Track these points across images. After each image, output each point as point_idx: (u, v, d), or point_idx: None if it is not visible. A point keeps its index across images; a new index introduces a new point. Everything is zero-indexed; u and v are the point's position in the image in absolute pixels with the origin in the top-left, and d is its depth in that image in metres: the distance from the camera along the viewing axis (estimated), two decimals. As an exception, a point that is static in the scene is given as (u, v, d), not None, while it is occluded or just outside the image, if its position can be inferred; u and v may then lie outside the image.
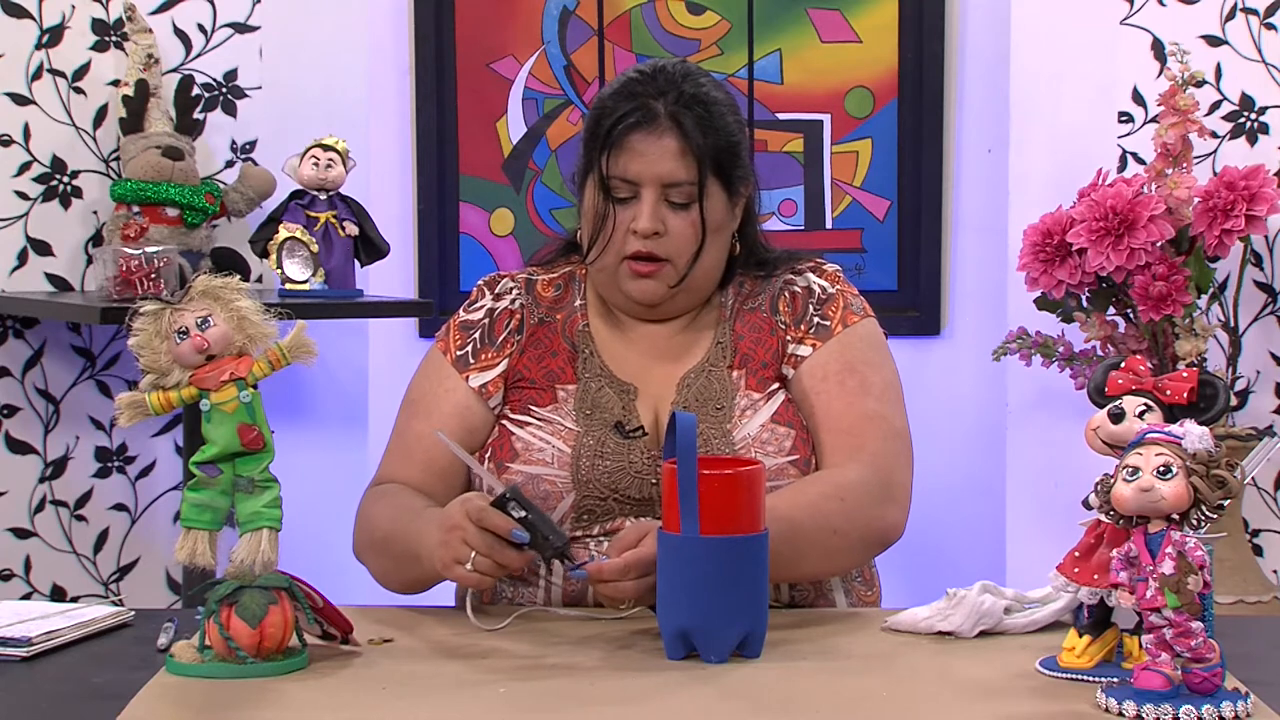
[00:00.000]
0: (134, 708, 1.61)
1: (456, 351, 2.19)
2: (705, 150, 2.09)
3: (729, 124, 2.12)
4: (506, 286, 2.23)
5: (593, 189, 2.12)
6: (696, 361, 2.15)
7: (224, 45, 3.49)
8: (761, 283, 2.21)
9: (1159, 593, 1.53)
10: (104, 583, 3.48)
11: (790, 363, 2.15)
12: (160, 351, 1.73)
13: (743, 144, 2.15)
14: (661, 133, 2.08)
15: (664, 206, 2.10)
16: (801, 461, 2.08)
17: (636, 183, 2.09)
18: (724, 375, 2.13)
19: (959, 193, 3.66)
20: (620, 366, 2.15)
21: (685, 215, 2.10)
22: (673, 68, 2.14)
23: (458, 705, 1.64)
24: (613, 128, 2.09)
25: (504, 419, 2.15)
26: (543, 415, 2.12)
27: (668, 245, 2.10)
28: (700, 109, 2.10)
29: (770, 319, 2.17)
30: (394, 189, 3.63)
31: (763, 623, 1.79)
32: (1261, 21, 3.45)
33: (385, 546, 2.07)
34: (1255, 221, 3.15)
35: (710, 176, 2.10)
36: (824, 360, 2.13)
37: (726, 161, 2.11)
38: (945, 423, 3.57)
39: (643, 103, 2.09)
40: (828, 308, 2.17)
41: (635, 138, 2.08)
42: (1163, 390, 1.73)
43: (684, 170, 2.09)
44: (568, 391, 2.14)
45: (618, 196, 2.11)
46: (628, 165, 2.09)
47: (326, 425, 3.56)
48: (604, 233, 2.11)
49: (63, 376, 3.43)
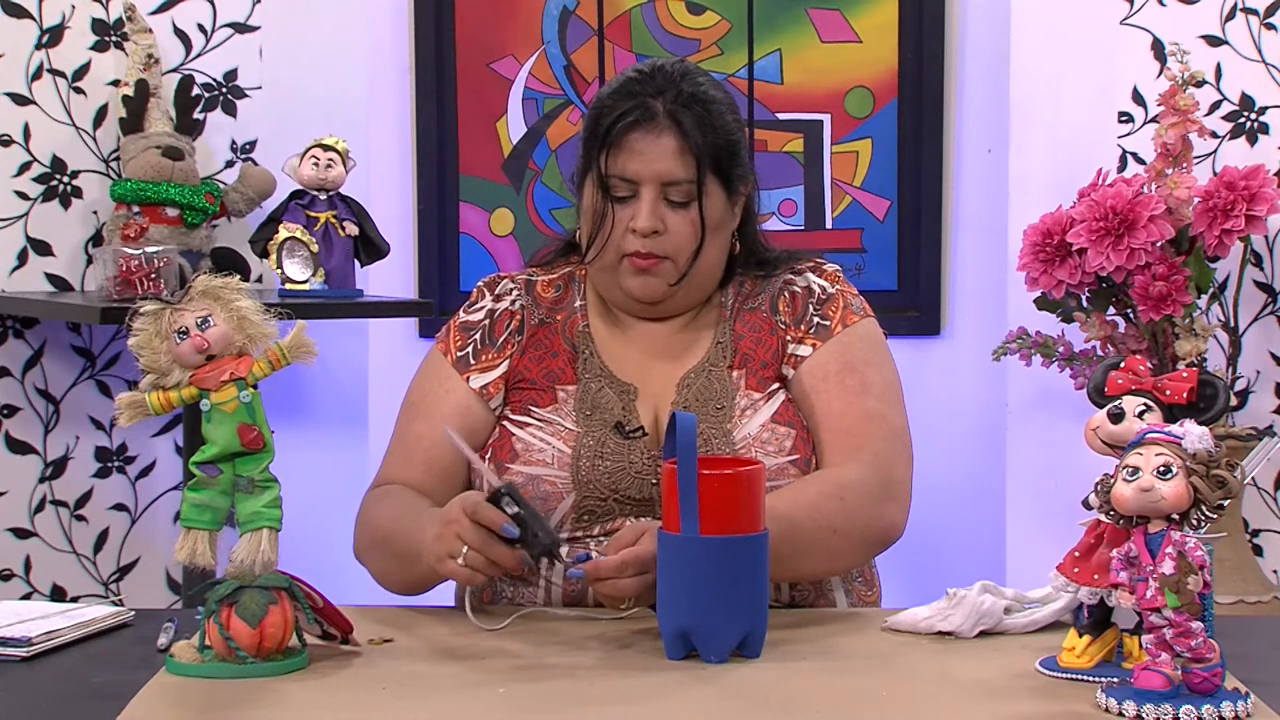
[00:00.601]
0: (134, 708, 1.61)
1: (457, 353, 2.19)
2: (704, 149, 2.09)
3: (728, 123, 2.13)
4: (506, 288, 2.23)
5: (592, 188, 2.13)
6: (696, 361, 2.16)
7: (224, 45, 3.49)
8: (762, 282, 2.21)
9: (1159, 593, 1.53)
10: (104, 583, 3.48)
11: (790, 363, 2.15)
12: (160, 351, 1.73)
13: (741, 143, 2.15)
14: (660, 131, 2.09)
15: (663, 205, 2.10)
16: (802, 461, 2.08)
17: (635, 181, 2.10)
18: (724, 375, 2.13)
19: (959, 193, 3.66)
20: (620, 367, 2.15)
21: (684, 214, 2.10)
22: (671, 67, 2.14)
23: (458, 705, 1.64)
24: (611, 126, 2.09)
25: (504, 420, 2.15)
26: (543, 416, 2.12)
27: (667, 244, 2.11)
28: (699, 107, 2.10)
29: (770, 319, 2.18)
30: (394, 189, 3.63)
31: (763, 623, 1.79)
32: (1261, 21, 3.45)
33: (386, 546, 2.07)
34: (1255, 221, 3.15)
35: (709, 175, 2.10)
36: (824, 360, 2.13)
37: (725, 160, 2.12)
38: (945, 423, 3.57)
39: (641, 101, 2.10)
40: (828, 308, 2.17)
41: (634, 136, 2.09)
42: (1163, 390, 1.73)
43: (682, 169, 2.09)
44: (568, 392, 2.14)
45: (617, 195, 2.11)
46: (626, 164, 2.09)
47: (326, 425, 3.56)
48: (603, 231, 2.11)
49: (63, 376, 3.43)
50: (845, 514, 2.01)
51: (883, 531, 2.06)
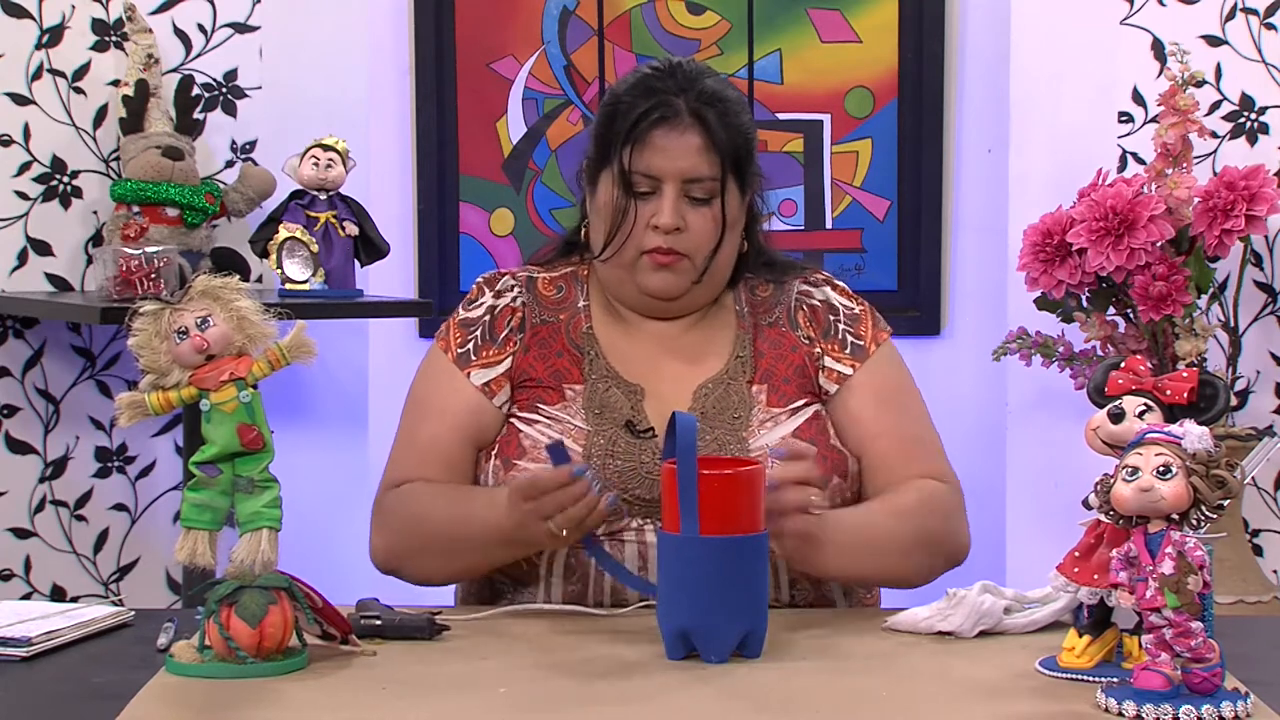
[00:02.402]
0: (134, 708, 1.61)
1: (457, 349, 2.18)
2: (726, 147, 2.10)
3: (745, 121, 2.15)
4: (507, 284, 2.22)
5: (609, 184, 2.12)
6: (714, 372, 2.15)
7: (224, 45, 3.49)
8: (774, 290, 2.22)
9: (1159, 593, 1.53)
10: (104, 583, 3.48)
11: (830, 377, 2.17)
12: (160, 351, 1.73)
13: (755, 141, 2.18)
14: (684, 129, 2.09)
15: (683, 202, 2.11)
16: (819, 479, 2.08)
17: (658, 178, 2.10)
18: (743, 389, 2.14)
19: (959, 193, 3.66)
20: (627, 367, 2.15)
21: (705, 211, 2.11)
22: (688, 65, 2.15)
23: (458, 705, 1.64)
24: (636, 123, 2.09)
25: (512, 417, 2.15)
26: (551, 414, 2.12)
27: (687, 241, 2.11)
28: (720, 105, 2.11)
29: (792, 334, 2.19)
30: (394, 189, 3.63)
31: (763, 623, 1.79)
32: (1261, 21, 3.45)
33: (448, 542, 2.06)
34: (1255, 221, 3.15)
35: (729, 173, 2.11)
36: (873, 385, 2.17)
37: (744, 158, 2.13)
38: (945, 423, 3.53)
39: (664, 99, 2.10)
40: (859, 327, 2.20)
41: (658, 133, 2.09)
42: (1163, 390, 1.73)
43: (707, 166, 2.10)
44: (575, 391, 2.13)
45: (638, 191, 2.11)
46: (650, 161, 2.09)
47: (326, 425, 3.56)
48: (624, 228, 2.11)
49: (63, 376, 3.43)
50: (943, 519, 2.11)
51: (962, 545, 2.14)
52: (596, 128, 2.16)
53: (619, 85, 2.17)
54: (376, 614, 1.87)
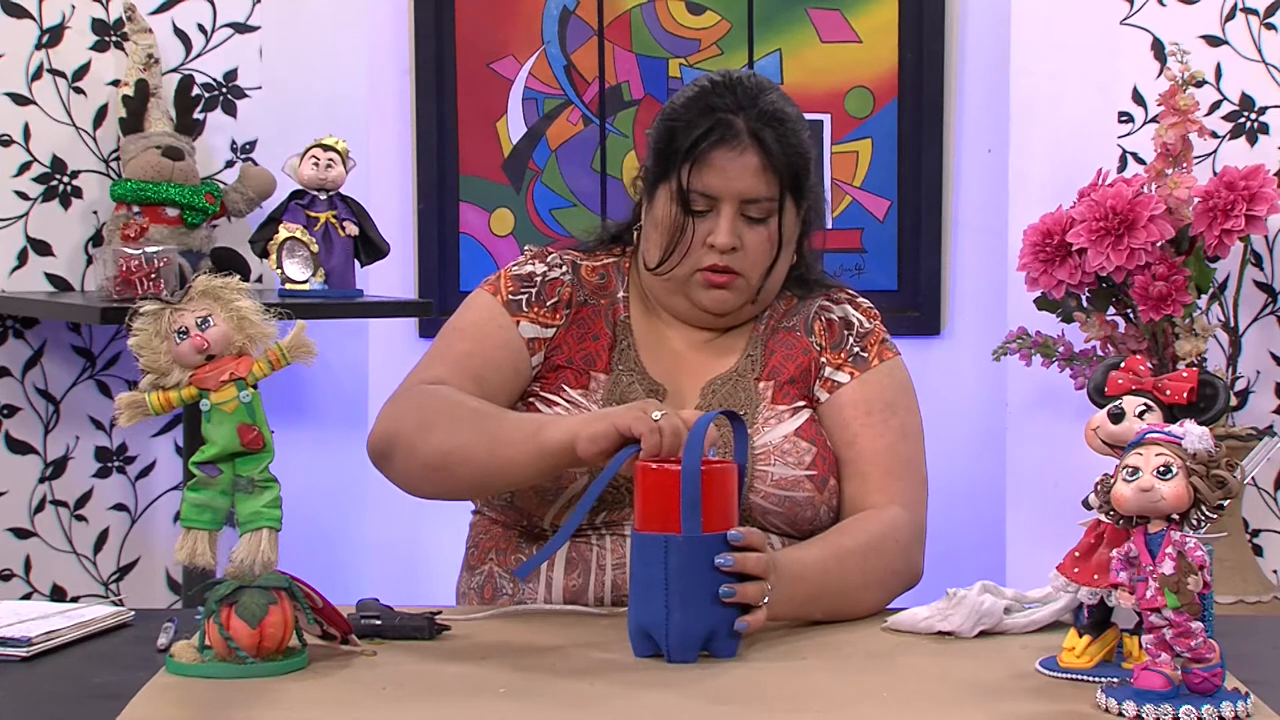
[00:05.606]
0: (134, 708, 1.61)
1: (509, 295, 2.15)
2: (784, 167, 2.09)
3: (803, 140, 2.13)
4: (555, 260, 2.20)
5: (666, 199, 2.12)
6: (725, 369, 2.16)
7: (224, 45, 3.49)
8: (798, 304, 2.22)
9: (1159, 593, 1.53)
10: (104, 583, 3.48)
11: (825, 386, 2.16)
12: (160, 351, 1.73)
13: (813, 159, 2.16)
14: (743, 149, 2.08)
15: (740, 221, 2.10)
16: (818, 478, 2.09)
17: (716, 197, 2.10)
18: (750, 385, 2.14)
19: (959, 193, 3.66)
20: (653, 364, 2.15)
21: (761, 230, 2.11)
22: (747, 80, 2.13)
23: (458, 705, 1.64)
24: (696, 143, 2.08)
25: (533, 396, 2.13)
26: (572, 398, 2.11)
27: (743, 260, 2.11)
28: (778, 125, 2.10)
29: (804, 339, 2.19)
30: (394, 189, 3.63)
31: (729, 621, 1.77)
32: (1261, 21, 3.45)
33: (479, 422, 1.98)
34: (1255, 221, 3.15)
35: (786, 192, 2.11)
36: (864, 394, 2.15)
37: (801, 177, 2.13)
38: (945, 423, 3.56)
39: (723, 118, 2.09)
40: (867, 340, 2.19)
41: (717, 154, 2.08)
42: (1163, 390, 1.73)
43: (765, 186, 2.09)
44: (599, 381, 2.13)
45: (695, 210, 2.11)
46: (709, 181, 2.09)
47: (326, 425, 3.56)
48: (681, 246, 2.11)
49: (63, 376, 3.43)
50: (901, 555, 2.06)
51: (916, 574, 2.10)
52: (655, 143, 2.14)
53: (677, 99, 2.15)
54: (376, 614, 1.87)
